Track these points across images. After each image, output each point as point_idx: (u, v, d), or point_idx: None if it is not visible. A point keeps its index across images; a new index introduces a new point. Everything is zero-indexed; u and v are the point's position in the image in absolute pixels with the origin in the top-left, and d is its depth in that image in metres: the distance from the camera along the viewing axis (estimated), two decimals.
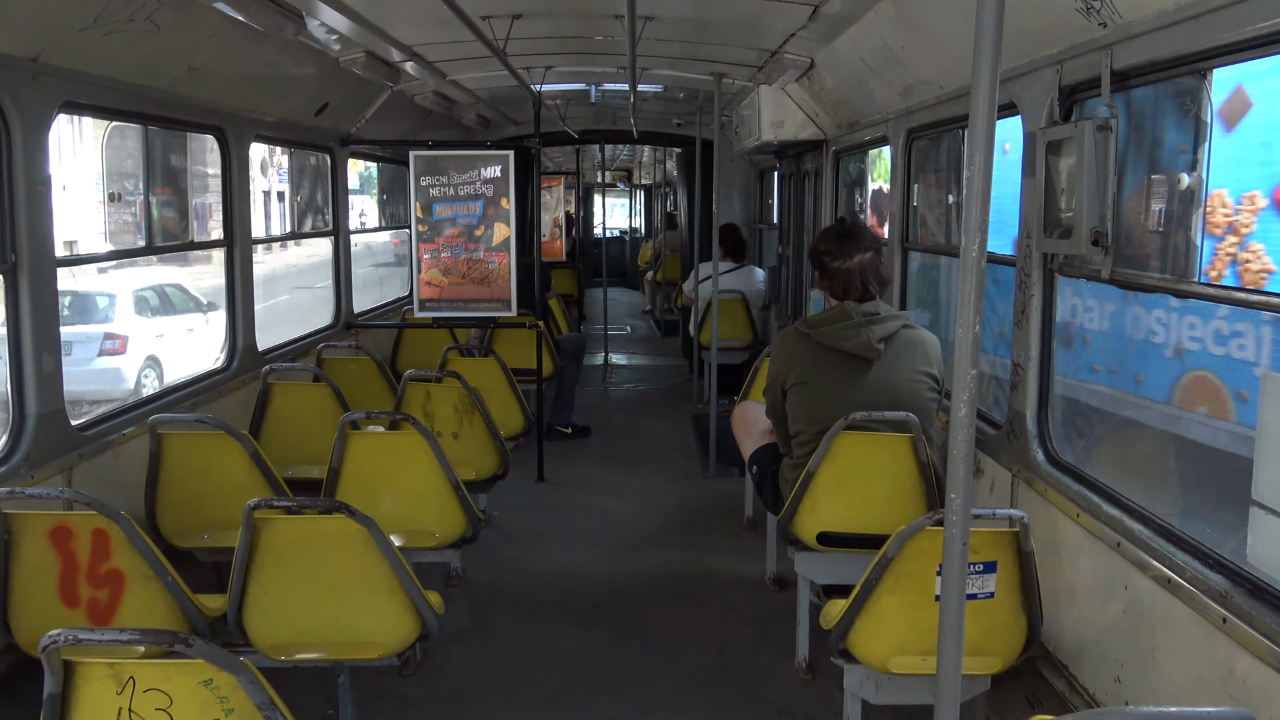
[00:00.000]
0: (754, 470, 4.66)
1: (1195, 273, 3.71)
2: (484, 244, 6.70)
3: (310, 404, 5.22)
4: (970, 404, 2.16)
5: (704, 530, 6.11)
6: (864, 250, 4.03)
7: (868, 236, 4.11)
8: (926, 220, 6.31)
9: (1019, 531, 2.98)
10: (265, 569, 3.18)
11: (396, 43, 6.00)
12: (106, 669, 2.16)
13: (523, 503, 6.61)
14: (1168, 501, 4.32)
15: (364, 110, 7.39)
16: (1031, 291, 3.92)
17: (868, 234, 4.14)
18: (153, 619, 3.21)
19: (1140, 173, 3.83)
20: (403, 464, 4.23)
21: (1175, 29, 2.92)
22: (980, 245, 2.10)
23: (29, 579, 3.22)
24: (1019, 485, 4.05)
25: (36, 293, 3.98)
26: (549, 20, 5.88)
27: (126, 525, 3.13)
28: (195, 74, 4.91)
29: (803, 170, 9.01)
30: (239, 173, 5.91)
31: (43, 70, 3.91)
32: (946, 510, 2.22)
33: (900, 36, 4.87)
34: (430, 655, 4.35)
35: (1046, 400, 3.95)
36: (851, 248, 4.02)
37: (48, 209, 4.04)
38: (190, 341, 14.15)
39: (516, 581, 5.29)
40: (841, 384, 3.97)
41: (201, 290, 15.67)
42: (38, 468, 3.99)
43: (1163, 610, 3.00)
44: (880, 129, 6.23)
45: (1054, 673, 3.72)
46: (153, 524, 4.20)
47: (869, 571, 3.09)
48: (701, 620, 4.83)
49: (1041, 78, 3.78)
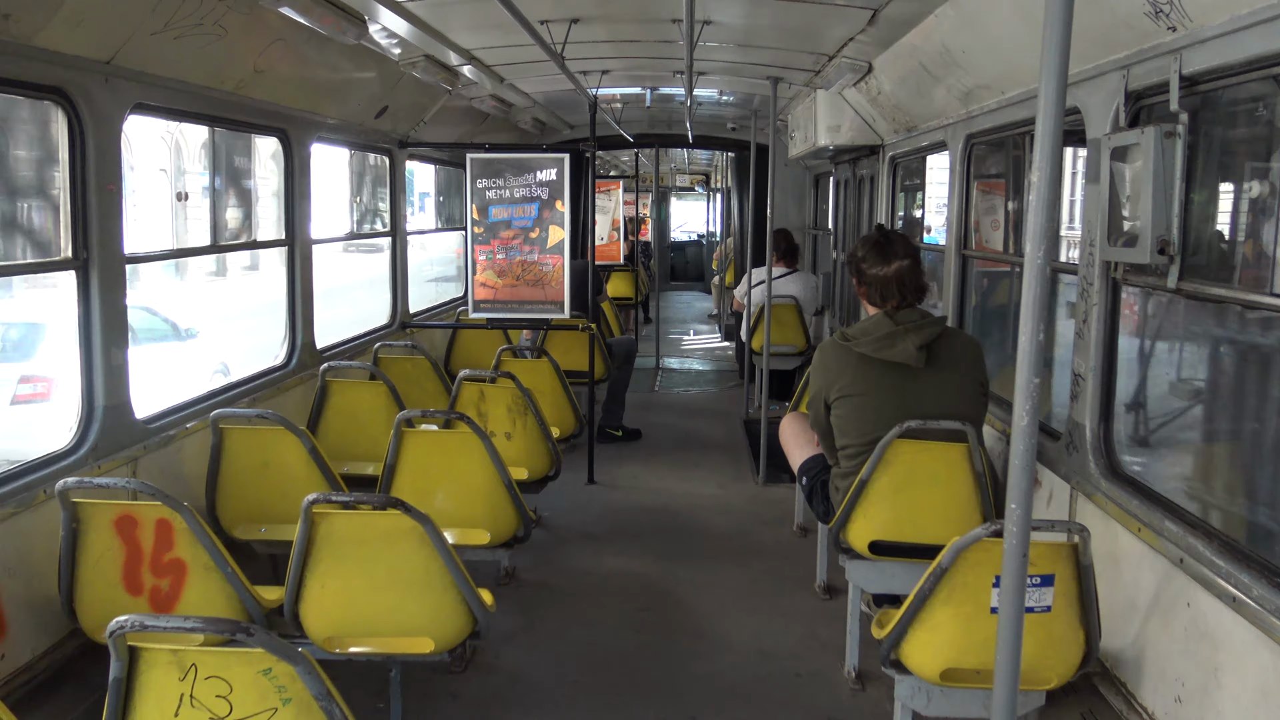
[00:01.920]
0: (803, 481, 4.63)
1: (1270, 284, 3.61)
2: (539, 246, 6.75)
3: (367, 402, 5.30)
4: (1032, 413, 2.13)
5: (754, 536, 6.09)
6: (901, 258, 3.99)
7: (905, 245, 4.07)
8: (982, 226, 6.23)
9: (1078, 544, 2.92)
10: (322, 562, 3.24)
11: (456, 47, 6.07)
12: (170, 656, 2.22)
13: (573, 504, 6.63)
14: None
15: (423, 113, 7.49)
16: (1094, 301, 3.85)
17: (905, 242, 4.10)
18: (212, 608, 3.28)
19: (1210, 180, 3.74)
20: (456, 462, 4.27)
21: (1248, 32, 2.85)
22: (1045, 253, 2.07)
23: (95, 566, 3.32)
24: (1078, 497, 3.98)
25: (107, 289, 4.10)
26: (606, 25, 5.91)
27: (189, 516, 3.21)
28: (260, 77, 5.02)
29: (858, 175, 8.94)
30: (300, 173, 6.02)
31: (115, 73, 4.02)
32: (1006, 521, 2.19)
33: (961, 40, 4.81)
34: (480, 653, 4.38)
35: (1108, 411, 3.87)
36: (889, 255, 4.00)
37: (118, 208, 4.15)
38: (155, 380, 8.62)
39: (566, 582, 5.31)
40: (886, 393, 3.93)
41: (184, 311, 13.15)
42: (104, 458, 4.11)
43: (1227, 629, 2.92)
44: (939, 134, 6.16)
45: (1112, 690, 3.64)
46: (213, 516, 4.29)
47: (923, 581, 3.05)
48: (750, 626, 4.81)
49: (1107, 82, 3.71)
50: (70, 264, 4.01)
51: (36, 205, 14.49)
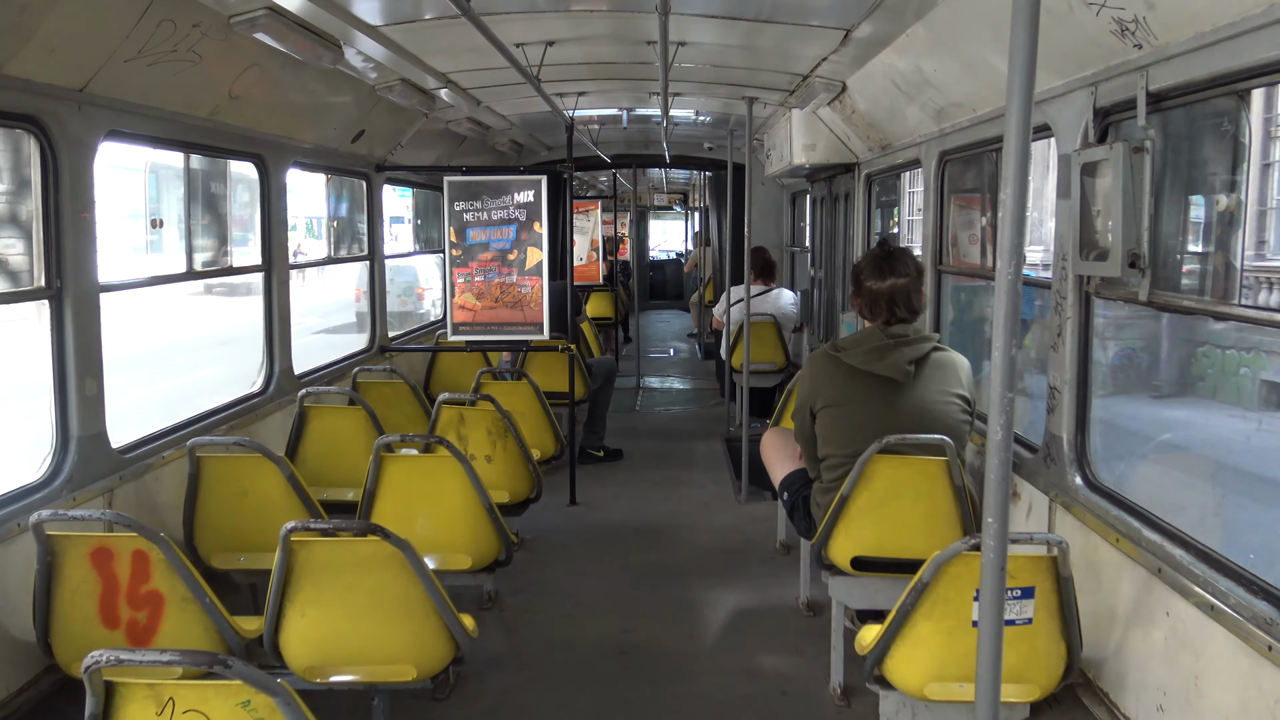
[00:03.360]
0: (785, 497, 4.64)
1: (1236, 295, 3.66)
2: (517, 268, 6.75)
3: (345, 427, 5.27)
4: (1007, 427, 2.15)
5: (736, 554, 6.08)
6: (899, 275, 4.02)
7: (906, 262, 4.09)
8: (959, 241, 6.28)
9: (1057, 556, 2.94)
10: (301, 591, 3.21)
11: (432, 70, 6.09)
12: (147, 690, 2.19)
13: (555, 526, 6.61)
14: None
15: (400, 136, 7.49)
16: (1067, 314, 3.89)
17: (907, 260, 4.11)
18: (190, 640, 3.24)
19: (1178, 194, 3.79)
20: (437, 487, 4.25)
21: (1212, 49, 2.90)
22: (1016, 268, 2.09)
23: (70, 600, 3.27)
24: (1056, 509, 4.00)
25: (80, 318, 4.07)
26: (581, 46, 5.94)
27: (166, 547, 3.17)
28: (235, 103, 5.01)
29: (835, 193, 9.00)
30: (277, 199, 6.01)
31: (89, 100, 4.01)
32: (984, 534, 2.20)
33: (933, 59, 4.87)
34: (464, 679, 4.35)
35: (1084, 423, 3.90)
36: (886, 271, 4.02)
37: (92, 236, 4.13)
38: None
39: (550, 605, 5.29)
40: (872, 407, 3.95)
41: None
42: (79, 489, 4.06)
43: (1206, 637, 2.94)
44: (913, 152, 6.22)
45: (1094, 701, 3.65)
46: (190, 545, 4.25)
47: (904, 597, 3.06)
48: (735, 645, 4.79)
49: (1076, 99, 3.76)
50: (43, 294, 3.98)
51: (6, 235, 14.30)
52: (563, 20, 5.33)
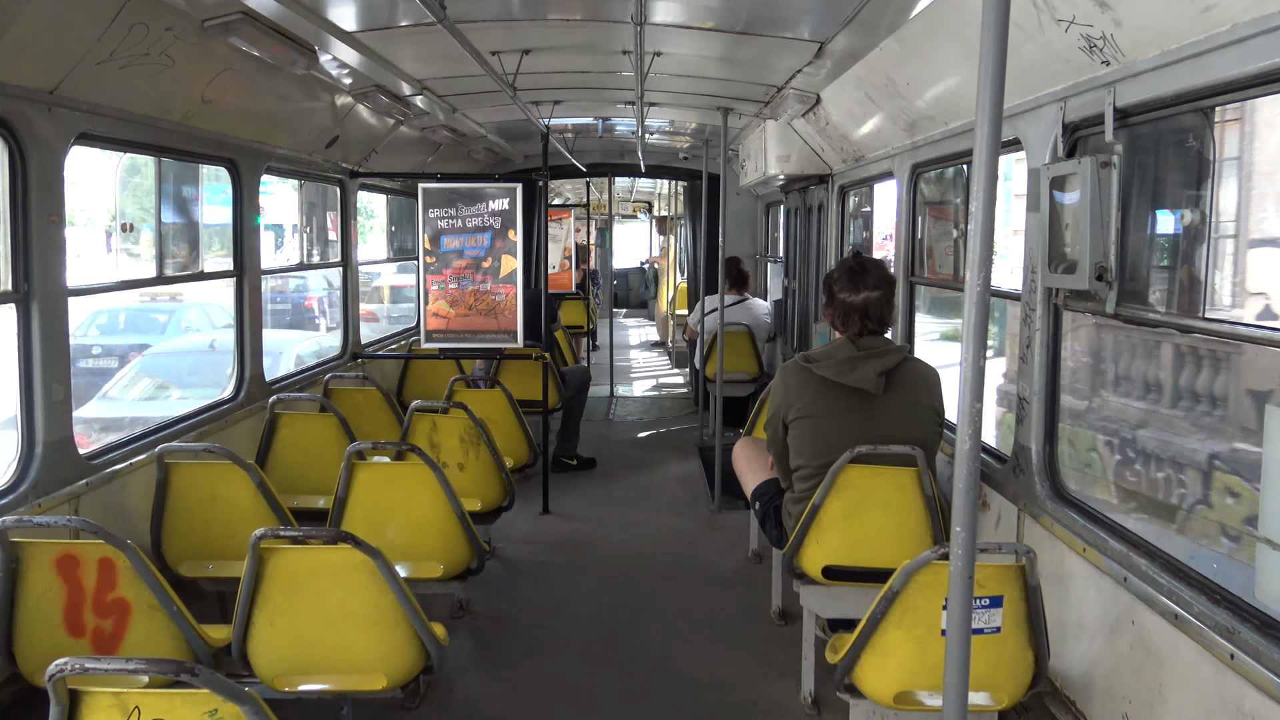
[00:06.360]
0: (756, 506, 4.65)
1: (1201, 308, 3.72)
2: (491, 276, 6.74)
3: (317, 434, 5.24)
4: (975, 438, 2.17)
5: (709, 564, 6.09)
6: (871, 289, 4.05)
7: (878, 275, 4.11)
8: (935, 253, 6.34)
9: (1025, 566, 2.97)
10: (270, 599, 3.18)
11: (407, 77, 6.07)
12: (112, 699, 2.16)
13: (528, 535, 6.59)
14: None
15: (374, 143, 7.47)
16: (1036, 326, 3.94)
17: (879, 273, 4.14)
18: (157, 649, 3.20)
19: (1145, 208, 3.85)
20: (408, 495, 4.23)
21: (1178, 66, 2.96)
22: (985, 280, 2.12)
23: (34, 608, 3.22)
24: (1025, 519, 4.04)
25: (48, 322, 4.02)
26: (557, 55, 5.95)
27: (133, 555, 3.14)
28: (208, 107, 4.98)
29: (808, 204, 9.06)
30: (249, 204, 5.97)
31: (59, 103, 3.97)
32: (952, 544, 2.22)
33: (905, 72, 4.92)
34: (434, 687, 4.32)
35: (1053, 434, 3.95)
36: (859, 284, 4.05)
37: (61, 240, 4.08)
38: None
39: (521, 614, 5.27)
40: (843, 418, 3.98)
41: None
42: (45, 495, 4.01)
43: (1170, 646, 2.98)
44: (885, 164, 6.28)
45: (1061, 709, 3.69)
46: (158, 553, 4.20)
47: (874, 606, 3.07)
48: (707, 654, 4.80)
49: (1045, 114, 3.81)
50: (10, 297, 3.93)
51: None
52: (539, 29, 5.34)
